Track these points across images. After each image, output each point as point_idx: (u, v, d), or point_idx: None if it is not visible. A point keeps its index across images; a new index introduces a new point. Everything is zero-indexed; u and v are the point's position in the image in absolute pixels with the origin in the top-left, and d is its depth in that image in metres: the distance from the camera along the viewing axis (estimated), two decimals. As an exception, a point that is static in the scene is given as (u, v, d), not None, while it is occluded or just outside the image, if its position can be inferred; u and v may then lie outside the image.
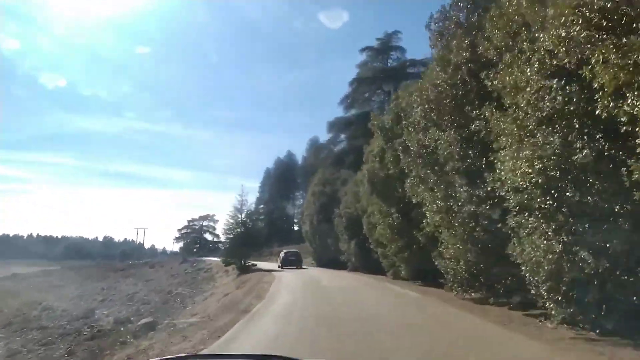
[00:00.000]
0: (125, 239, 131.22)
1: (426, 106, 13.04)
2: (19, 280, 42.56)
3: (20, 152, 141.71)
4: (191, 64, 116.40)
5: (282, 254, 39.10)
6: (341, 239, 31.77)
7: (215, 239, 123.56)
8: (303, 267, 37.17)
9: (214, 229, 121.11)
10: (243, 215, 35.58)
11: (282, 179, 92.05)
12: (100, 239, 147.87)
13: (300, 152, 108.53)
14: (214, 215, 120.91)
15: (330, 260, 36.40)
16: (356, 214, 28.21)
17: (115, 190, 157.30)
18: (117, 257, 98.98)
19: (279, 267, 35.89)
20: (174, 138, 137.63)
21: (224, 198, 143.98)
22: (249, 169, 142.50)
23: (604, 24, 6.42)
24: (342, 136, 66.66)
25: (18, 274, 47.16)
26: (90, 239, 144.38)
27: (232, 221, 34.99)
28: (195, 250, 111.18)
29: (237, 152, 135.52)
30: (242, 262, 33.54)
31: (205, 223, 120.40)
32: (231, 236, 35.13)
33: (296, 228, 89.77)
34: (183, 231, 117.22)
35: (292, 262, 36.98)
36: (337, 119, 65.41)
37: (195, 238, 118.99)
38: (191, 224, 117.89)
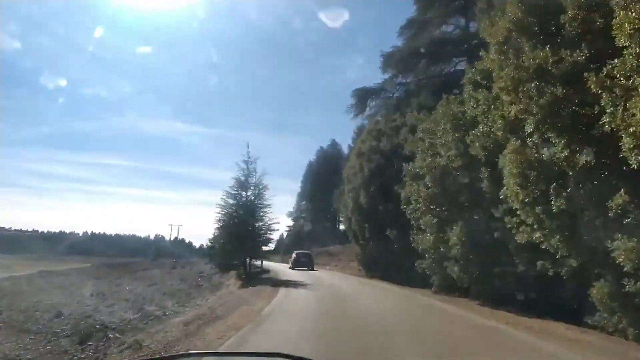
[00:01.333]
0: (176, 237, 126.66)
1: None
2: (39, 279, 37.82)
3: (82, 153, 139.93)
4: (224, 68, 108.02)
5: (293, 255, 37.29)
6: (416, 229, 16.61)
7: (257, 239, 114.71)
8: (319, 270, 33.21)
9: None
10: (249, 193, 24.49)
11: (326, 171, 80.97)
12: (152, 237, 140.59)
13: (346, 142, 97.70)
14: None
15: (391, 268, 21.49)
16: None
17: (165, 190, 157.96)
18: (151, 255, 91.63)
19: (290, 267, 34.43)
20: (221, 139, 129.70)
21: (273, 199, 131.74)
22: (295, 169, 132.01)
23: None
24: (401, 79, 42.90)
25: (44, 271, 43.52)
26: (142, 236, 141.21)
27: (230, 202, 24.18)
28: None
29: (283, 153, 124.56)
30: (247, 265, 23.11)
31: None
32: (225, 224, 24.19)
33: (342, 227, 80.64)
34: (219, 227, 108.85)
35: (304, 263, 34.76)
36: (399, 50, 39.85)
37: (232, 234, 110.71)
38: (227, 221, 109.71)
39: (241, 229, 23.56)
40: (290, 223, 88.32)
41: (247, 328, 8.54)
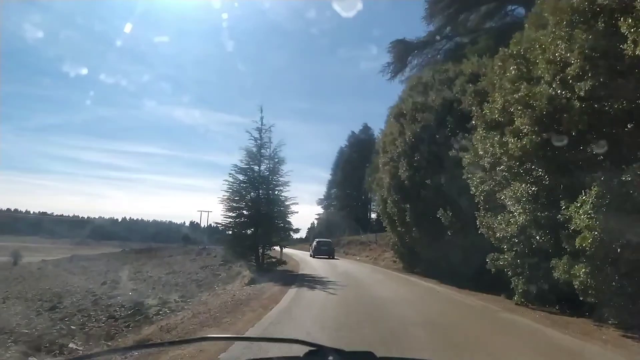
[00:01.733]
0: (211, 224, 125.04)
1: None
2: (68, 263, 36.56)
3: (122, 142, 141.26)
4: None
5: (314, 243, 36.48)
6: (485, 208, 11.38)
7: (287, 225, 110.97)
8: (347, 260, 31.83)
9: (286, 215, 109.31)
10: (262, 167, 19.54)
11: (357, 157, 75.77)
12: (187, 223, 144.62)
13: (378, 126, 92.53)
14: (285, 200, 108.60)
15: (441, 262, 15.68)
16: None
17: (199, 178, 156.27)
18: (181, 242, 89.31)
19: (310, 255, 34.05)
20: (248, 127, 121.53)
21: (300, 188, 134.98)
22: (326, 159, 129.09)
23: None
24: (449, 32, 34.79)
25: (75, 255, 42.74)
26: (178, 223, 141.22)
27: (239, 178, 19.47)
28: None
29: (312, 142, 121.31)
30: (259, 254, 18.63)
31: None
32: (233, 205, 19.14)
33: (373, 216, 75.66)
34: None
35: (324, 251, 34.23)
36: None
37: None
38: None
39: (252, 210, 18.85)
40: (321, 211, 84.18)
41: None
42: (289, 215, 20.22)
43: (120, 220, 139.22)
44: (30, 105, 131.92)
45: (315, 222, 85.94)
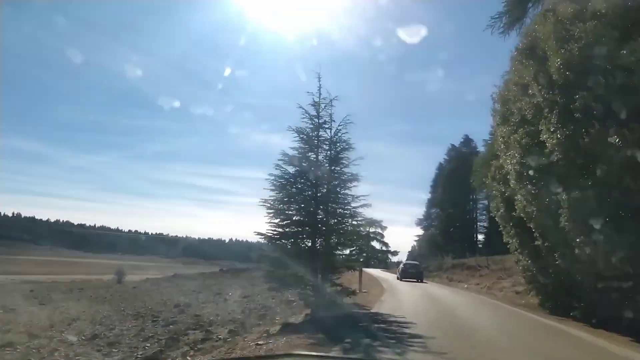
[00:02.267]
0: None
1: None
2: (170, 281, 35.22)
3: (220, 167, 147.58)
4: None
5: (401, 266, 34.59)
6: None
7: (384, 248, 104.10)
8: (449, 289, 25.32)
9: (382, 236, 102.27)
10: (320, 156, 12.43)
11: (459, 172, 66.82)
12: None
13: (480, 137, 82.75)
14: (381, 221, 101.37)
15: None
16: None
17: None
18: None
19: (397, 278, 32.45)
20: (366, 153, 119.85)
21: (398, 210, 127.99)
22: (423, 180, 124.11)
23: None
24: None
25: (178, 274, 41.90)
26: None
27: (289, 171, 12.84)
28: (361, 260, 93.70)
29: (411, 164, 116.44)
30: (317, 282, 12.22)
31: (372, 229, 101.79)
32: (278, 210, 12.23)
33: (480, 237, 64.54)
34: None
35: (411, 274, 32.33)
36: None
37: (361, 246, 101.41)
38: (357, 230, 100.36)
39: (306, 216, 12.50)
40: (421, 232, 76.01)
41: None
42: (358, 223, 13.53)
43: (227, 241, 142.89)
44: (145, 136, 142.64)
45: (415, 244, 78.01)
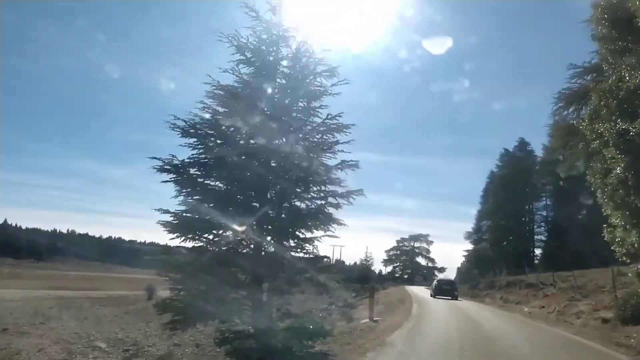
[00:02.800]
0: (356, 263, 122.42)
1: None
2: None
3: None
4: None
5: (434, 282, 33.15)
6: None
7: (430, 264, 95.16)
8: (503, 313, 20.96)
9: (428, 251, 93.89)
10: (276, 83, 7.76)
11: (513, 179, 59.37)
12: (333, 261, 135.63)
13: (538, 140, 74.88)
14: (427, 235, 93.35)
15: None
16: None
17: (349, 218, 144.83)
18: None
19: (431, 295, 31.00)
20: (397, 167, 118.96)
21: (446, 226, 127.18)
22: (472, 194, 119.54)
23: None
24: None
25: None
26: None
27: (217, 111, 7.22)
28: (406, 276, 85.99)
29: (458, 178, 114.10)
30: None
31: (417, 244, 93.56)
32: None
33: (537, 251, 57.45)
34: (391, 252, 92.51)
35: (446, 291, 30.71)
36: None
37: (405, 262, 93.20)
38: (400, 245, 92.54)
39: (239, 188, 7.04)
40: (470, 247, 68.45)
41: None
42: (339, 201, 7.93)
43: None
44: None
45: (464, 260, 70.44)
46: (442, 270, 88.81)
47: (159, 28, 76.08)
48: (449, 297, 30.31)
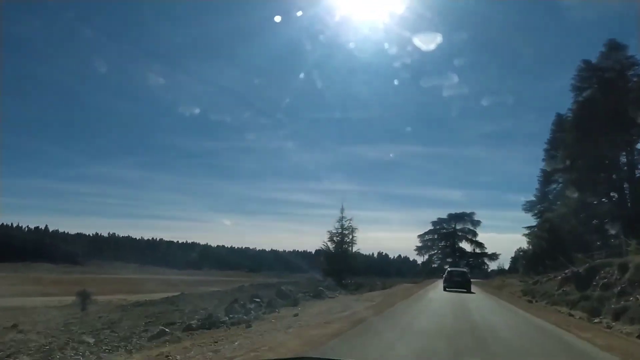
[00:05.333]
0: (399, 255, 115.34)
1: None
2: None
3: (312, 181, 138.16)
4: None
5: (445, 274, 29.69)
6: None
7: (477, 249, 70.91)
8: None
9: (474, 234, 69.54)
10: None
11: (603, 105, 35.03)
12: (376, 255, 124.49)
13: None
14: (472, 213, 69.22)
15: None
16: None
17: (392, 211, 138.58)
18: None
19: (444, 289, 26.68)
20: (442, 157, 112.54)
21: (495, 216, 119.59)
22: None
23: None
24: None
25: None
26: (366, 254, 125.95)
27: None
28: (447, 266, 61.86)
29: (503, 166, 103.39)
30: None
31: (459, 226, 69.74)
32: None
33: None
34: (426, 237, 68.84)
35: (457, 283, 26.99)
36: None
37: (444, 248, 69.07)
38: (438, 227, 68.58)
39: None
40: (531, 223, 44.60)
41: None
42: None
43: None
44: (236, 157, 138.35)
45: (526, 242, 46.59)
46: (493, 257, 64.81)
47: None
48: (464, 290, 25.90)
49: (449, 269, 33.00)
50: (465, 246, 68.78)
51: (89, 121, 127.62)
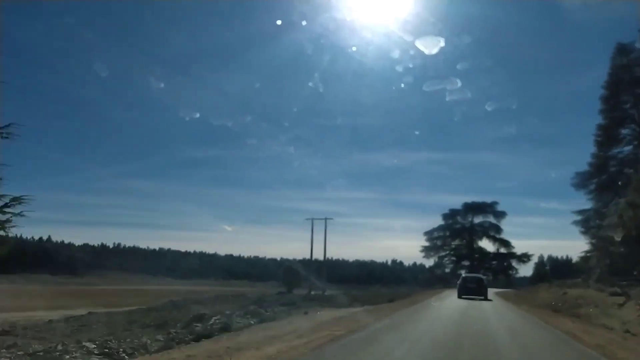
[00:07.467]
0: (414, 262, 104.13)
1: None
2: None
3: (334, 191, 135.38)
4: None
5: (460, 280, 25.45)
6: None
7: (502, 249, 55.37)
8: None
9: (498, 230, 55.01)
10: None
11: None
12: (389, 262, 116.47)
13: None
14: (495, 203, 55.75)
15: None
16: None
17: (403, 219, 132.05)
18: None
19: (458, 296, 23.61)
20: (455, 164, 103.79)
21: (522, 222, 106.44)
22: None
23: None
24: None
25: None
26: (379, 262, 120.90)
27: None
28: (462, 272, 49.40)
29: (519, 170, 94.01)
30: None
31: (477, 220, 55.61)
32: None
33: None
34: (435, 235, 56.45)
35: (472, 290, 23.12)
36: None
37: (459, 248, 57.81)
38: (450, 222, 55.73)
39: None
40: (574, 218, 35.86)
41: None
42: None
43: (341, 260, 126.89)
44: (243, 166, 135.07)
45: (589, 239, 34.42)
46: (524, 259, 53.94)
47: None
48: (482, 297, 22.78)
49: (463, 275, 29.52)
50: (487, 245, 55.03)
51: (92, 129, 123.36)
